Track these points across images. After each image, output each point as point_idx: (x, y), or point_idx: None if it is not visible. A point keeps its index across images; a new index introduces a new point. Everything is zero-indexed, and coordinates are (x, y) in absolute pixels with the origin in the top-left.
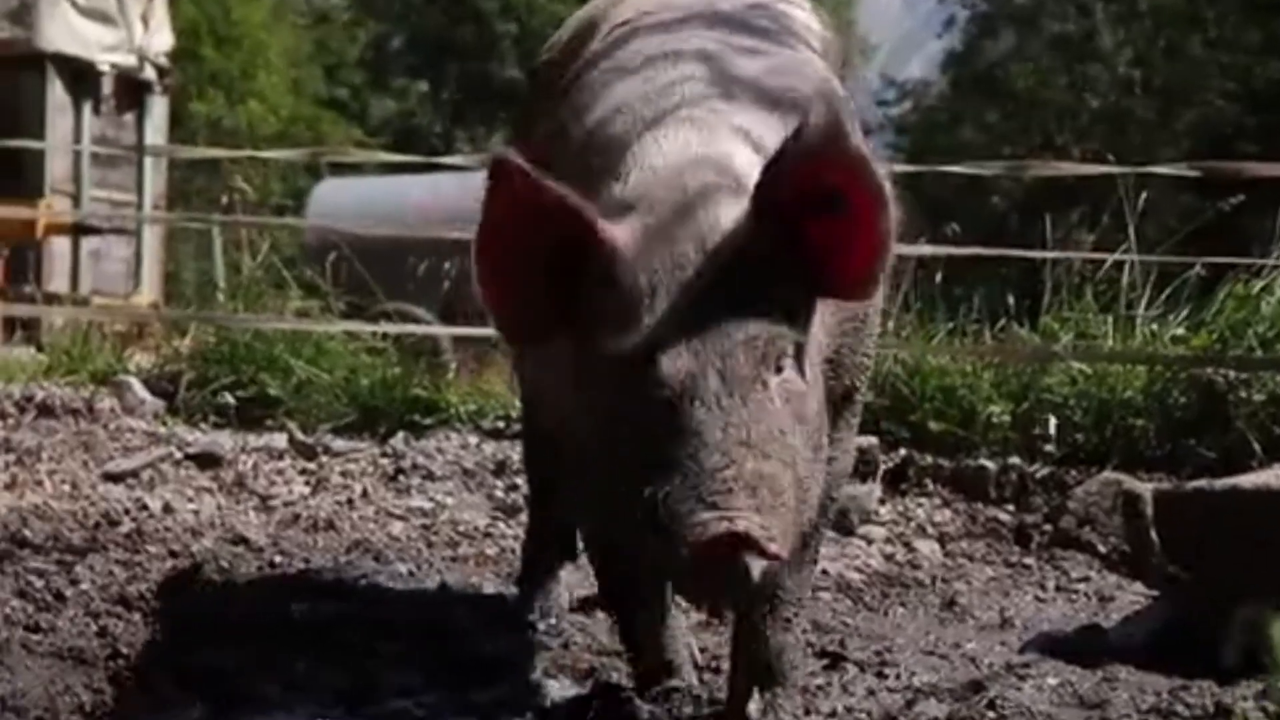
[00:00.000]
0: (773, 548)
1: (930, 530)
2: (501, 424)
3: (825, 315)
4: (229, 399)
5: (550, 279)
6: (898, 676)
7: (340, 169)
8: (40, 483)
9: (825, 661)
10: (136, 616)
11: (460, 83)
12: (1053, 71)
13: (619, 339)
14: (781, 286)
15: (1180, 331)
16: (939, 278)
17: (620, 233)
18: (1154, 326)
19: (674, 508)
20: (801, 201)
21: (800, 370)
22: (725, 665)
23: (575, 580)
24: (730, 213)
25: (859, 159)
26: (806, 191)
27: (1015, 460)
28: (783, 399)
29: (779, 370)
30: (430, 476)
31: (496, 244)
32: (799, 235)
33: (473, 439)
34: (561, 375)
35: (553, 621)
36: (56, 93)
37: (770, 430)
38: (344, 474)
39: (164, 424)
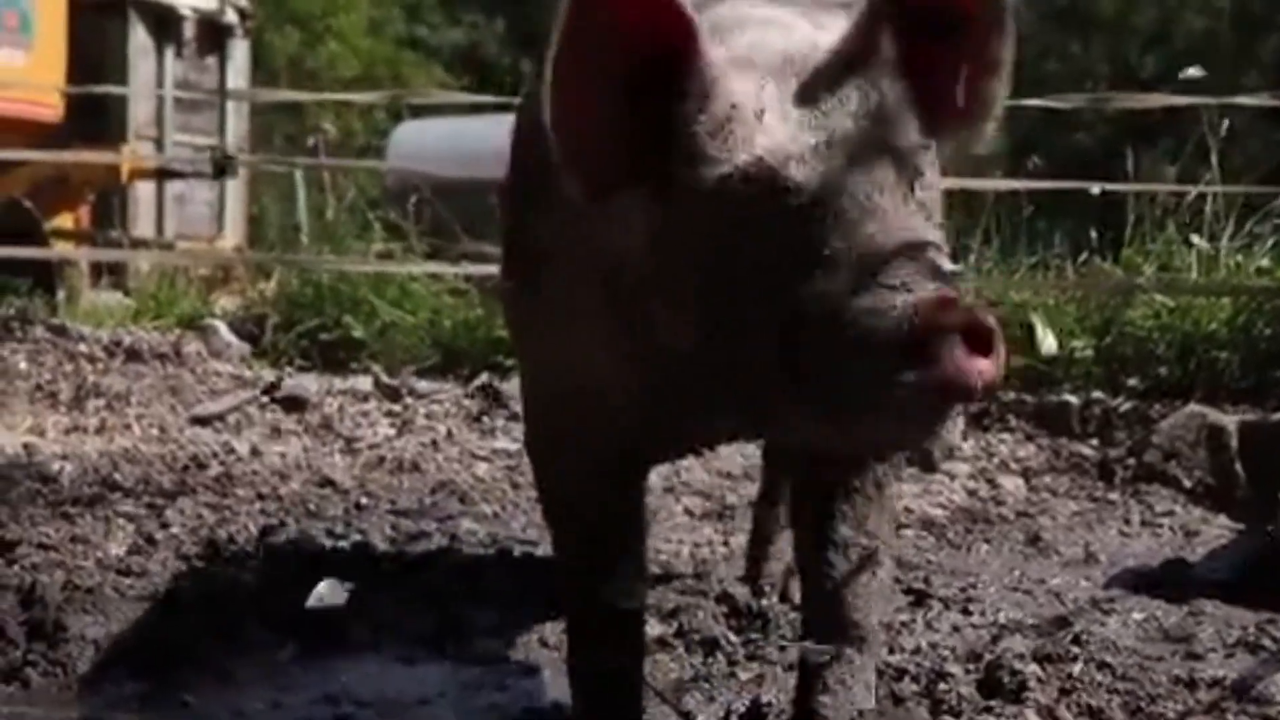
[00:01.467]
0: (990, 317)
1: (1014, 466)
2: None
3: None
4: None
5: (634, 109)
6: (982, 613)
7: (420, 110)
8: (129, 427)
9: (910, 598)
10: (226, 558)
11: (529, 14)
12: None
13: (736, 157)
14: (903, 101)
15: (1265, 263)
16: (1022, 212)
17: (719, 48)
18: (1238, 258)
19: (854, 300)
20: (919, 15)
21: (929, 204)
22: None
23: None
24: (834, 26)
25: None
26: (927, 3)
27: (1098, 394)
28: (925, 218)
29: (912, 190)
30: (514, 417)
31: (576, 63)
32: (909, 54)
33: None
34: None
35: None
36: (139, 37)
37: (930, 238)
38: (428, 416)
39: (250, 367)
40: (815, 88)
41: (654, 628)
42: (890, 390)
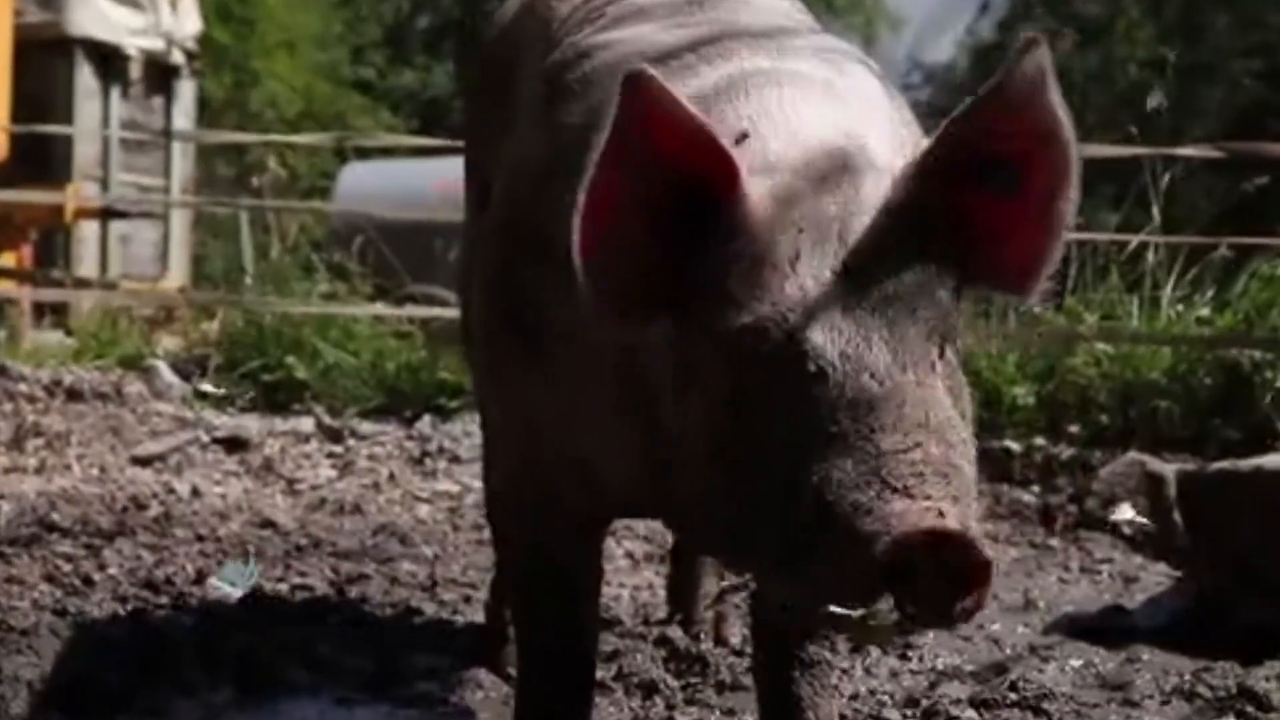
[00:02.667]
0: (989, 554)
1: None
2: None
3: None
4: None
5: (666, 238)
6: (921, 659)
7: (367, 152)
8: (69, 467)
9: (849, 644)
10: (164, 600)
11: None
12: (1079, 52)
13: (758, 307)
14: (945, 259)
15: (1205, 312)
16: None
17: (759, 185)
18: (1179, 308)
19: (849, 495)
20: (977, 166)
21: (958, 358)
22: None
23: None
24: (880, 177)
25: (1059, 126)
26: (987, 154)
27: (1040, 441)
28: (948, 387)
29: (942, 354)
30: (456, 459)
31: (612, 189)
32: (961, 207)
33: None
34: (600, 383)
35: None
36: (84, 77)
37: (948, 417)
38: (370, 457)
39: (191, 408)
40: (855, 237)
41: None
42: (859, 602)
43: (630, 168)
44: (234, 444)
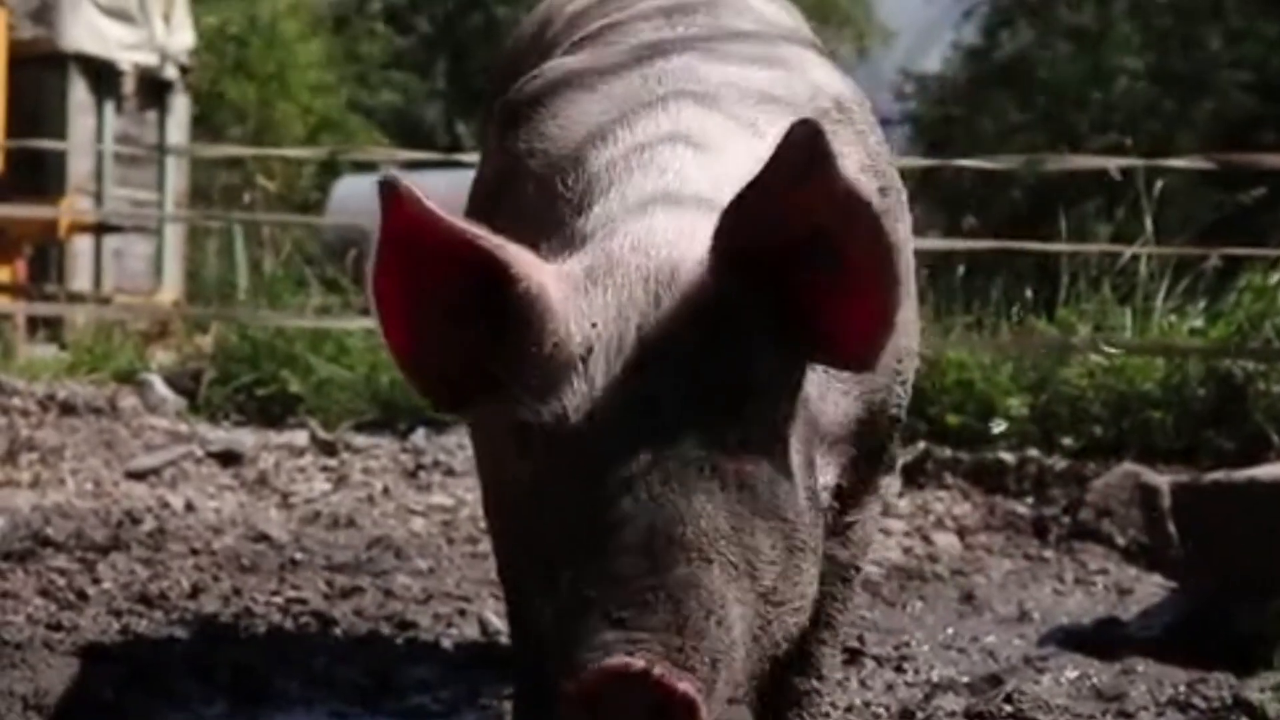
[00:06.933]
0: (684, 689)
1: (949, 523)
2: None
3: (835, 382)
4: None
5: (467, 330)
6: (916, 670)
7: (360, 166)
8: (63, 481)
9: (844, 656)
10: (158, 614)
11: (463, 75)
12: (1071, 62)
13: (536, 404)
14: (751, 349)
15: (1198, 323)
16: (957, 271)
17: (551, 276)
18: (1172, 318)
19: (570, 622)
20: (782, 248)
21: (773, 453)
22: None
23: None
24: (696, 255)
25: (849, 195)
26: (785, 237)
27: (1033, 453)
28: (741, 489)
29: (739, 455)
30: (450, 473)
31: (394, 287)
32: (782, 289)
33: None
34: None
35: None
36: (78, 92)
37: (716, 528)
38: (365, 470)
39: (186, 422)
40: (652, 334)
41: None
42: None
43: (409, 273)
44: (228, 458)
